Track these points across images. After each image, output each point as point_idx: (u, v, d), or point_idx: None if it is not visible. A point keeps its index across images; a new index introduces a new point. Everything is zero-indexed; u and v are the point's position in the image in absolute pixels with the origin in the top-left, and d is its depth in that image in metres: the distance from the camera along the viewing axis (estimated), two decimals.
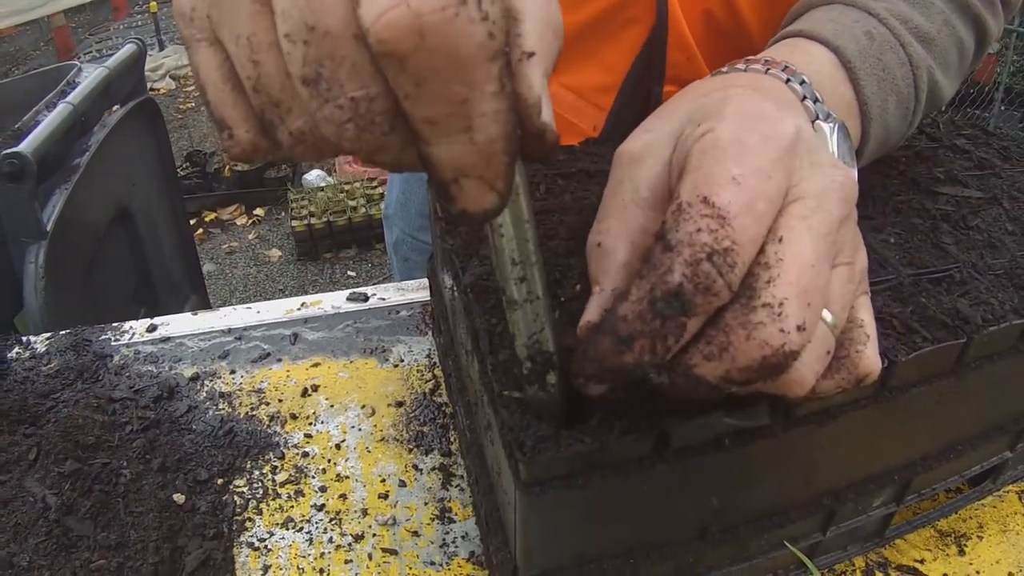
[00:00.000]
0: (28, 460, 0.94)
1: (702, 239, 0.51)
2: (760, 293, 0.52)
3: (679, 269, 0.51)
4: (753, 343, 0.51)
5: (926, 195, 0.93)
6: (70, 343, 1.16)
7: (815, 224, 0.55)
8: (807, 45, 0.82)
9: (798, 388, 0.55)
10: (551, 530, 0.65)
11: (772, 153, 0.56)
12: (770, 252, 0.53)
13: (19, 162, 1.92)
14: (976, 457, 0.87)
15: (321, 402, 1.08)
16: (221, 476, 0.97)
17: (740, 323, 0.52)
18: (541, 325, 0.57)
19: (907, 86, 0.86)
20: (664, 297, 0.51)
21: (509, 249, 0.53)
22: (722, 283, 0.51)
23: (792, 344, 0.51)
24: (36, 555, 0.84)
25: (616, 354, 0.53)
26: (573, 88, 1.29)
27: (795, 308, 0.51)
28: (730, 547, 0.75)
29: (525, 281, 0.54)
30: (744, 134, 0.57)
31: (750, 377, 0.52)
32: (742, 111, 0.60)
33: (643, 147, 0.63)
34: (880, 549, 0.89)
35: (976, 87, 6.41)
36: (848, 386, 0.59)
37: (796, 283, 0.52)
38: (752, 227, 0.53)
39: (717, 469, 0.66)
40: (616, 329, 0.52)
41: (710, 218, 0.52)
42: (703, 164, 0.56)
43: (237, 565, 0.88)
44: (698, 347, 0.53)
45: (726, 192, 0.53)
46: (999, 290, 0.76)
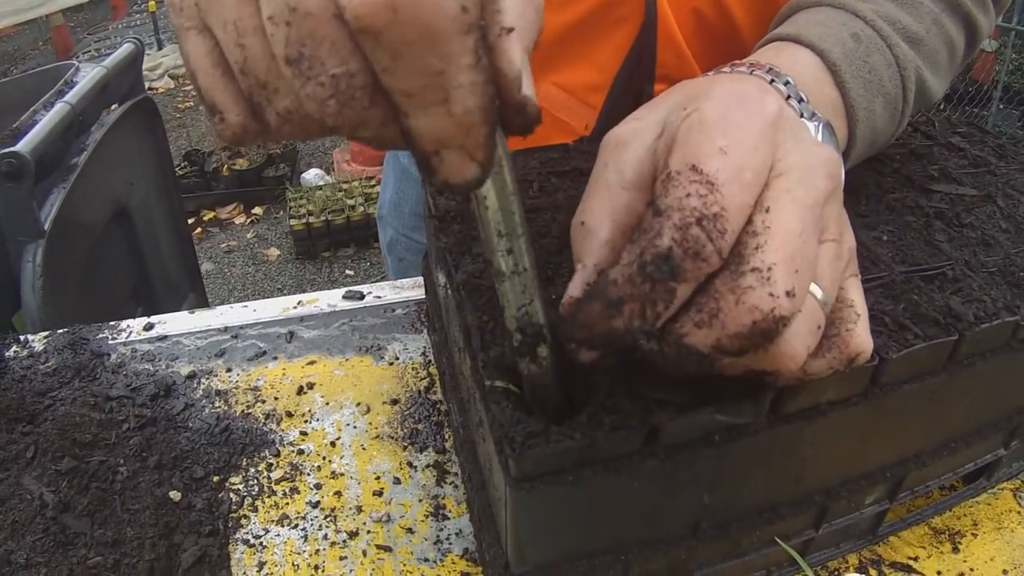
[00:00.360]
0: (25, 458, 0.94)
1: (691, 203, 0.52)
2: (749, 259, 0.53)
3: (668, 233, 0.52)
4: (743, 307, 0.51)
5: (920, 193, 0.93)
6: (67, 341, 1.16)
7: (800, 196, 0.56)
8: (792, 49, 0.82)
9: (790, 362, 0.55)
10: (542, 526, 0.65)
11: (757, 127, 0.58)
12: (757, 221, 0.54)
13: (17, 161, 1.92)
14: (970, 454, 0.88)
15: (316, 400, 1.09)
16: (217, 473, 0.97)
17: (729, 288, 0.52)
18: (530, 297, 0.57)
19: (894, 87, 0.86)
20: (654, 260, 0.52)
21: (495, 221, 0.53)
22: (711, 248, 0.52)
23: (781, 309, 0.52)
24: (33, 552, 0.84)
25: (606, 318, 0.53)
26: (564, 87, 1.29)
27: (783, 273, 0.52)
28: (722, 544, 0.75)
29: (512, 253, 0.54)
30: (729, 111, 0.58)
31: (741, 345, 0.53)
32: (726, 92, 0.62)
33: (630, 132, 0.64)
34: (874, 546, 0.89)
35: (975, 85, 6.40)
36: (840, 366, 0.59)
37: (783, 249, 0.53)
38: (740, 195, 0.54)
39: (708, 465, 0.66)
40: (606, 292, 0.53)
41: (699, 183, 0.53)
42: (690, 137, 0.57)
43: (232, 562, 0.88)
44: (689, 315, 0.53)
45: (714, 160, 0.54)
46: (992, 288, 0.76)
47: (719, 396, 0.62)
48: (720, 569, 0.78)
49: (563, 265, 0.76)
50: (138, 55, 2.85)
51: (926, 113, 1.13)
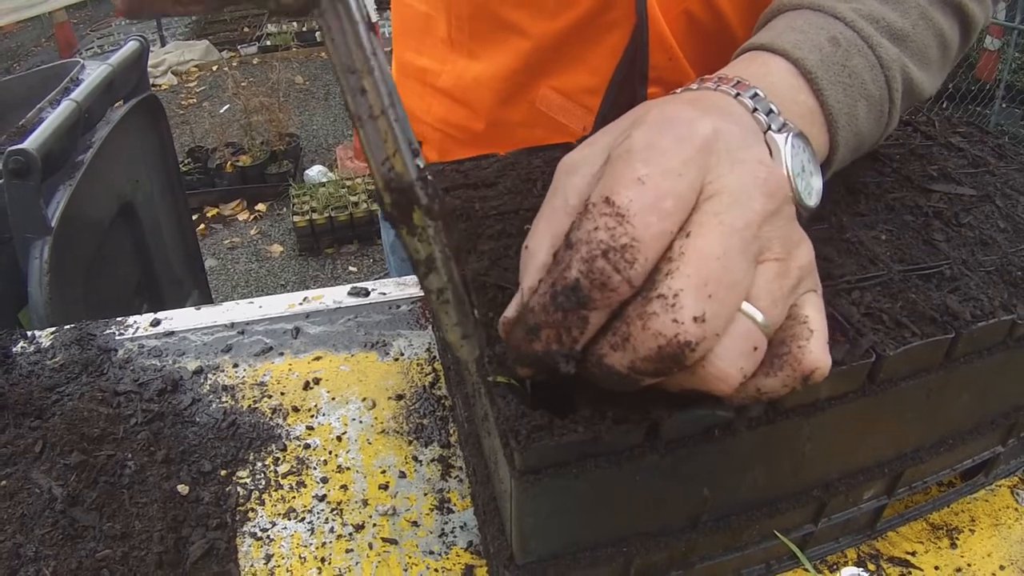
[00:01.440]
0: (34, 452, 0.95)
1: (598, 236, 0.54)
2: (658, 285, 0.54)
3: (576, 266, 0.54)
4: (648, 333, 0.53)
5: (919, 192, 0.93)
6: (75, 337, 1.17)
7: (728, 219, 0.56)
8: (764, 58, 0.82)
9: (722, 384, 0.56)
10: (546, 518, 0.66)
11: (684, 153, 0.58)
12: (676, 247, 0.55)
13: (24, 159, 1.93)
14: (967, 451, 0.88)
15: (323, 395, 1.09)
16: (224, 467, 0.98)
17: (638, 314, 0.54)
18: (394, 147, 0.52)
19: (878, 88, 0.85)
20: (563, 291, 0.54)
21: (342, 55, 0.50)
22: (619, 278, 0.53)
23: (687, 335, 0.53)
24: (42, 545, 0.85)
25: (527, 342, 0.56)
26: (561, 90, 1.31)
27: (691, 299, 0.53)
28: (722, 536, 0.76)
29: (366, 93, 0.51)
30: (656, 137, 0.59)
31: (656, 368, 0.54)
32: (659, 116, 0.62)
33: (580, 159, 0.65)
34: (872, 541, 0.90)
35: (978, 84, 6.40)
36: (794, 384, 0.59)
37: (695, 275, 0.54)
38: (656, 224, 0.55)
39: (707, 459, 0.67)
40: (525, 319, 0.56)
41: (608, 216, 0.54)
42: (613, 167, 0.58)
43: (240, 554, 0.89)
44: (606, 338, 0.56)
45: (628, 191, 0.55)
46: (989, 286, 0.77)
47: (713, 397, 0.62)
48: (720, 562, 0.79)
49: None
50: (143, 52, 2.86)
51: (926, 113, 1.13)
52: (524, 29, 1.26)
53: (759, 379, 0.58)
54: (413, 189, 0.53)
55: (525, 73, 1.30)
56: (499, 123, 1.35)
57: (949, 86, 6.20)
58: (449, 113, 1.43)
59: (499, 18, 1.28)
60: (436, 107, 1.45)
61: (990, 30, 6.37)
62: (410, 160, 0.53)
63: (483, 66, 1.34)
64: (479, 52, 1.34)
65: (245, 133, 6.81)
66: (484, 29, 1.32)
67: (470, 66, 1.36)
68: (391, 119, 0.52)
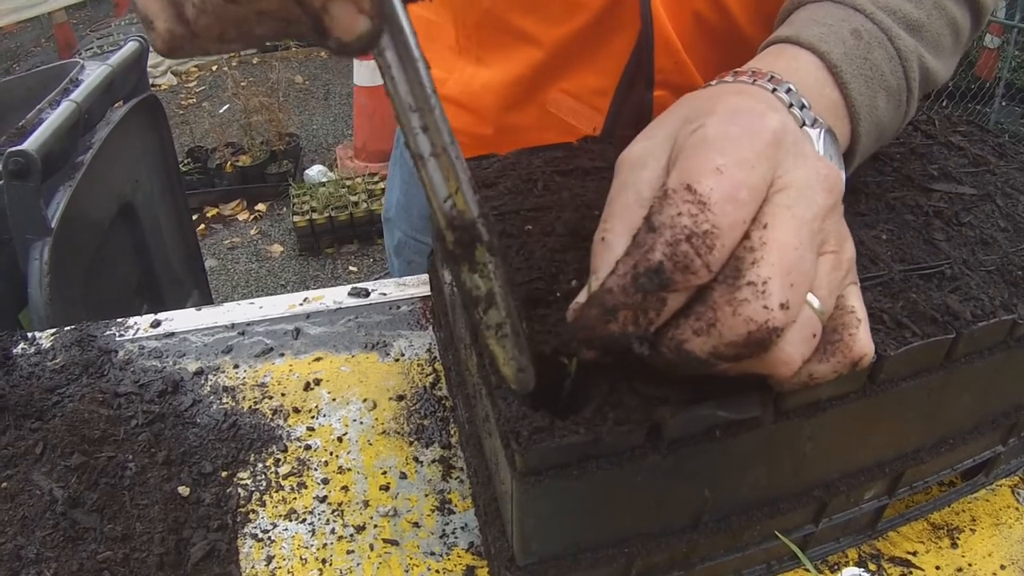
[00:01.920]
0: (35, 454, 0.95)
1: (682, 222, 0.55)
2: (745, 273, 0.55)
3: (660, 248, 0.55)
4: (739, 319, 0.54)
5: (920, 192, 0.93)
6: (75, 338, 1.17)
7: (798, 212, 0.58)
8: (793, 51, 0.83)
9: (784, 368, 0.58)
10: (547, 519, 0.66)
11: (757, 145, 0.60)
12: (755, 237, 0.57)
13: (24, 160, 1.93)
14: (968, 451, 0.88)
15: (323, 396, 1.09)
16: (225, 469, 0.98)
17: (727, 300, 0.55)
18: (455, 185, 0.54)
19: (897, 79, 0.86)
20: (645, 273, 0.55)
21: (403, 93, 0.51)
22: (700, 263, 0.54)
23: (775, 320, 0.54)
24: (43, 547, 0.85)
25: (603, 323, 0.57)
26: (571, 92, 1.31)
27: (778, 287, 0.55)
28: (723, 537, 0.76)
29: (428, 131, 0.52)
30: (730, 128, 0.61)
31: (737, 352, 0.56)
32: (730, 108, 0.64)
33: (642, 151, 0.66)
34: (873, 541, 0.90)
35: (978, 82, 6.39)
36: (844, 370, 0.62)
37: (779, 264, 0.55)
38: (733, 213, 0.56)
39: (708, 460, 0.67)
40: (603, 300, 0.56)
41: (691, 203, 0.56)
42: (690, 155, 0.59)
43: (241, 556, 0.89)
44: (688, 322, 0.56)
45: (708, 180, 0.56)
46: (989, 286, 0.77)
47: (718, 393, 0.63)
48: (721, 562, 0.79)
49: (568, 263, 0.77)
50: (142, 53, 2.85)
51: (926, 111, 1.13)
52: (533, 36, 1.27)
53: (812, 365, 0.61)
54: (476, 226, 0.55)
55: (535, 78, 1.31)
56: (508, 128, 1.35)
57: (949, 84, 6.19)
58: (455, 120, 1.41)
59: (507, 25, 1.28)
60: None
61: (990, 28, 6.36)
62: (471, 197, 0.54)
63: (491, 72, 1.34)
64: (488, 59, 1.35)
65: (245, 133, 6.80)
66: (492, 36, 1.32)
67: (478, 73, 1.37)
68: (452, 156, 0.53)
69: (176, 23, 0.51)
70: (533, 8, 1.24)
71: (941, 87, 0.97)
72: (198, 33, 0.51)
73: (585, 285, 0.62)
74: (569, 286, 0.74)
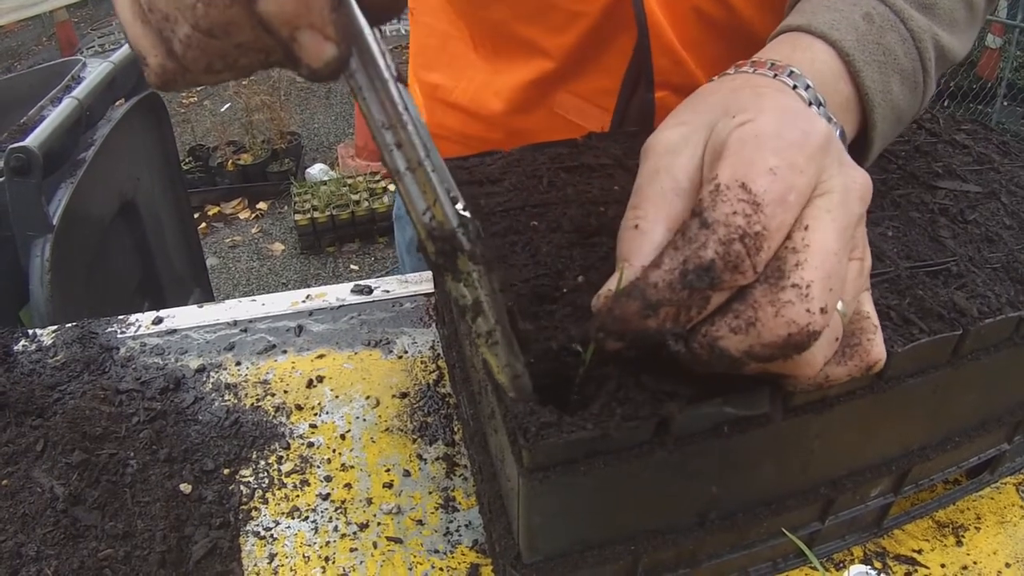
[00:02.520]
0: (35, 451, 0.94)
1: (736, 221, 0.55)
2: (789, 274, 0.55)
3: (713, 246, 0.55)
4: (781, 320, 0.54)
5: (925, 189, 0.93)
6: (76, 336, 1.17)
7: (838, 218, 0.58)
8: (808, 42, 0.82)
9: (808, 369, 0.58)
10: (554, 516, 0.66)
11: (808, 150, 0.59)
12: (797, 238, 0.57)
13: (25, 156, 1.92)
14: (973, 448, 0.88)
15: (326, 393, 1.09)
16: (227, 466, 0.98)
17: (769, 300, 0.55)
18: (433, 197, 0.54)
19: (911, 61, 0.86)
20: (696, 270, 0.54)
21: (375, 112, 0.52)
22: (748, 263, 0.54)
23: (816, 325, 0.54)
24: (44, 545, 0.85)
25: (641, 317, 0.56)
26: (578, 93, 1.31)
27: (820, 291, 0.55)
28: (730, 534, 0.76)
29: (401, 147, 0.53)
30: (784, 129, 0.60)
31: (772, 353, 0.55)
32: (780, 106, 0.64)
33: (679, 137, 0.65)
34: (879, 539, 0.89)
35: (979, 82, 6.39)
36: (858, 374, 0.62)
37: (821, 268, 0.56)
38: (782, 215, 0.56)
39: (716, 456, 0.67)
40: (645, 294, 0.56)
41: (746, 203, 0.55)
42: (743, 151, 0.59)
43: (243, 554, 0.88)
44: (725, 320, 0.56)
45: (763, 180, 0.56)
46: (996, 283, 0.77)
47: (726, 389, 0.63)
48: (727, 560, 0.79)
49: (574, 259, 0.77)
50: None
51: (930, 110, 1.13)
52: (540, 45, 1.28)
53: (830, 367, 0.61)
54: (455, 236, 0.56)
55: (543, 84, 1.32)
56: (516, 132, 1.36)
57: (951, 84, 6.19)
58: (465, 127, 1.43)
59: (516, 36, 1.29)
60: (450, 120, 1.45)
61: (992, 28, 6.36)
62: (449, 208, 0.55)
63: (504, 79, 1.35)
64: (503, 67, 1.36)
65: (246, 131, 6.80)
66: (505, 47, 1.33)
67: (491, 80, 1.38)
68: (428, 170, 0.53)
69: (167, 58, 0.56)
70: (536, 19, 1.25)
71: (941, 88, 0.96)
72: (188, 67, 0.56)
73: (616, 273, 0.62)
74: (575, 282, 0.74)
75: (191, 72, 0.57)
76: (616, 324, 0.57)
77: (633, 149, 0.96)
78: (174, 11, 0.53)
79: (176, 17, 0.53)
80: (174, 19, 0.53)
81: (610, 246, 0.77)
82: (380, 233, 5.97)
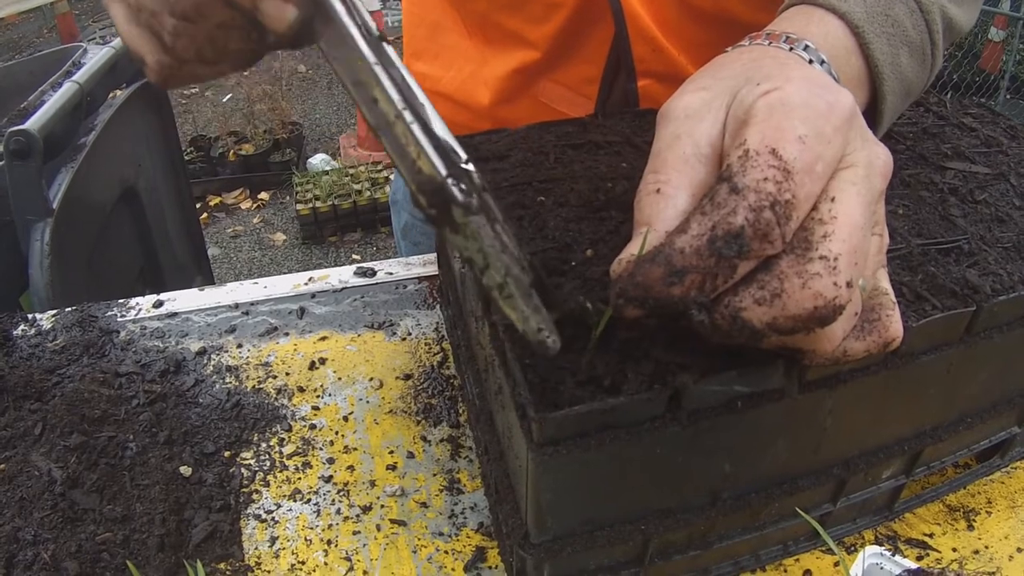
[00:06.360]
0: (33, 435, 0.94)
1: (768, 188, 0.54)
2: (817, 246, 0.54)
3: (743, 212, 0.53)
4: (808, 292, 0.53)
5: (934, 170, 0.93)
6: (76, 319, 1.16)
7: (863, 192, 0.58)
8: (819, 15, 0.81)
9: (828, 344, 0.58)
10: (563, 494, 0.65)
11: (835, 121, 0.59)
12: (824, 209, 0.56)
13: (25, 139, 1.91)
14: (985, 430, 0.88)
15: (329, 375, 1.08)
16: (228, 449, 0.97)
17: (796, 272, 0.54)
18: (417, 149, 0.54)
19: (919, 33, 0.85)
20: (724, 236, 0.53)
21: (347, 72, 0.53)
22: (778, 232, 0.53)
23: (842, 298, 0.53)
24: (41, 529, 0.84)
25: (666, 285, 0.55)
26: (562, 82, 1.32)
27: (847, 264, 0.54)
28: (741, 515, 0.75)
29: (378, 103, 0.53)
30: (812, 99, 0.59)
31: (795, 326, 0.54)
32: (807, 77, 0.63)
33: (700, 103, 0.64)
34: (889, 523, 0.89)
35: (982, 75, 6.39)
36: (875, 350, 0.61)
37: (849, 241, 0.55)
38: (809, 185, 0.55)
39: (729, 433, 0.66)
40: (670, 260, 0.55)
41: (776, 169, 0.54)
42: (772, 117, 0.58)
43: (244, 537, 0.88)
44: (749, 291, 0.55)
45: (792, 147, 0.55)
46: (1008, 262, 0.76)
47: (740, 364, 0.62)
48: (739, 542, 0.78)
49: (583, 233, 0.76)
50: None
51: (937, 94, 1.13)
52: (524, 35, 1.28)
53: (848, 342, 0.60)
54: (445, 188, 0.54)
55: (528, 73, 1.32)
56: (501, 121, 1.36)
57: (954, 76, 6.20)
58: (454, 115, 1.43)
59: (501, 27, 1.30)
60: (437, 109, 1.44)
61: (995, 21, 6.36)
62: (436, 159, 0.54)
63: (491, 69, 1.36)
64: (491, 56, 1.36)
65: (248, 122, 6.80)
66: (494, 35, 1.34)
67: (479, 70, 1.38)
68: (407, 122, 0.53)
69: (162, 53, 0.62)
70: (516, 11, 1.26)
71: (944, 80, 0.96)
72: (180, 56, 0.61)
73: (635, 238, 0.60)
74: (584, 255, 0.73)
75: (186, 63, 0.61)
76: (638, 290, 0.56)
77: (642, 127, 0.95)
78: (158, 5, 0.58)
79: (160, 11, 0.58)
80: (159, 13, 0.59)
81: (619, 220, 0.76)
82: (383, 223, 5.97)
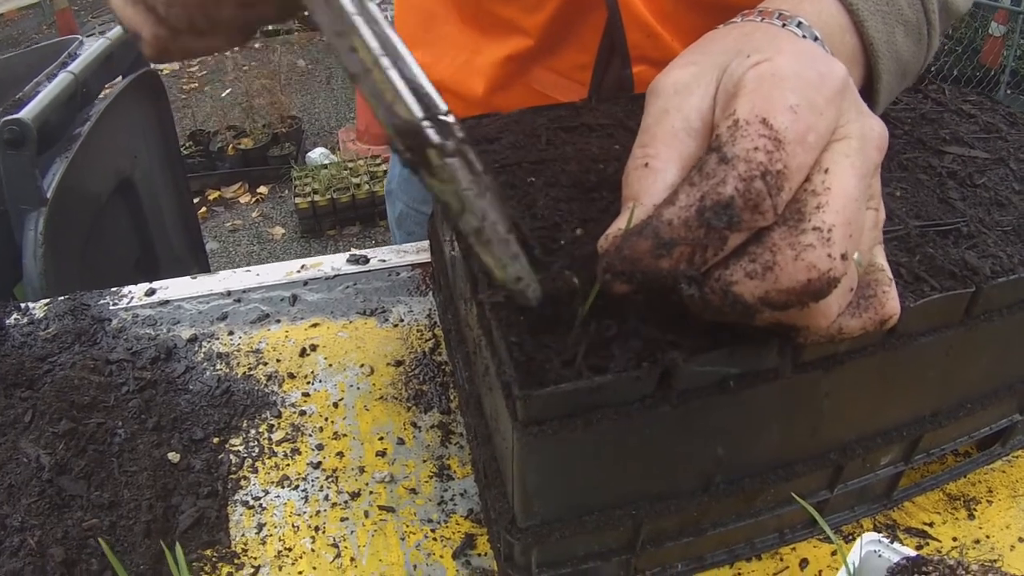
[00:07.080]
0: (23, 422, 0.93)
1: (758, 157, 0.53)
2: (810, 217, 0.53)
3: (732, 182, 0.52)
4: (801, 264, 0.52)
5: (932, 154, 0.92)
6: (68, 308, 1.16)
7: (857, 164, 0.56)
8: None
9: (822, 319, 0.56)
10: (550, 476, 0.64)
11: (826, 92, 0.58)
12: (817, 181, 0.55)
13: (19, 128, 1.91)
14: (985, 417, 0.87)
15: (320, 361, 1.08)
16: (217, 435, 0.97)
17: (788, 244, 0.52)
18: (393, 93, 0.54)
19: (915, 12, 0.85)
20: (713, 207, 0.52)
21: (326, 22, 0.53)
22: (769, 203, 0.52)
23: (836, 271, 0.52)
24: (28, 515, 0.83)
25: (654, 257, 0.54)
26: (555, 69, 1.31)
27: (841, 236, 0.53)
28: (735, 500, 0.74)
29: (355, 51, 0.53)
30: (803, 69, 0.58)
31: (788, 300, 0.53)
32: (798, 49, 0.62)
33: (690, 77, 0.63)
34: (888, 511, 0.88)
35: (982, 70, 6.39)
36: (872, 327, 0.60)
37: (843, 212, 0.53)
38: (802, 156, 0.54)
39: (722, 414, 0.66)
40: (658, 232, 0.53)
41: (767, 139, 0.53)
42: (761, 87, 0.57)
43: (231, 523, 0.87)
44: (740, 264, 0.54)
45: (784, 117, 0.54)
46: (1007, 244, 0.76)
47: (732, 342, 0.61)
48: (733, 529, 0.78)
49: (573, 213, 0.75)
50: None
51: (935, 80, 1.12)
52: (517, 23, 1.27)
53: (843, 319, 0.59)
54: (421, 130, 0.54)
55: (522, 60, 1.32)
56: (496, 109, 1.35)
57: (954, 71, 6.20)
58: (448, 105, 1.42)
59: (495, 15, 1.29)
60: None
61: (995, 16, 6.36)
62: (413, 102, 0.54)
63: (484, 57, 1.35)
64: (485, 45, 1.35)
65: (247, 116, 6.81)
66: (488, 23, 1.33)
67: (472, 59, 1.37)
68: (384, 67, 0.53)
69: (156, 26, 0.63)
70: None
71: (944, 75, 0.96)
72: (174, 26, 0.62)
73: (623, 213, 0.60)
74: (573, 234, 0.72)
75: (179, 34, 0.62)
76: (626, 264, 0.55)
77: (635, 111, 0.94)
78: None
79: None
80: None
81: (610, 199, 0.75)
82: (381, 216, 5.98)
